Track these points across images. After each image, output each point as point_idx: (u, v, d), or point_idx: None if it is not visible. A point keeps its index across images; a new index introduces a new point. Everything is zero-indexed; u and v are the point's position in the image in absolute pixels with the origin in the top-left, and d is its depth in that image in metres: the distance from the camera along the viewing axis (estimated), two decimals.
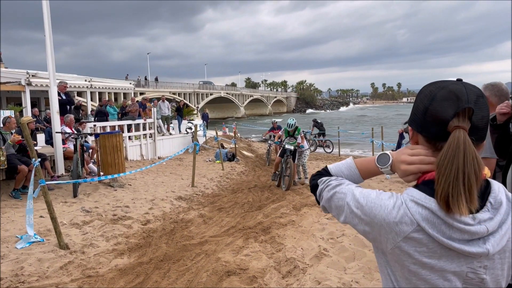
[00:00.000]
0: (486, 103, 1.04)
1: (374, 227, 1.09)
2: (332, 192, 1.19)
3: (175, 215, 7.09)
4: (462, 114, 1.01)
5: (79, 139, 8.20)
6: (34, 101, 19.22)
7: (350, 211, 1.13)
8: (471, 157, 0.97)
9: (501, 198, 1.02)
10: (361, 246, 4.97)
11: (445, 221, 0.99)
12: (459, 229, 0.98)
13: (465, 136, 0.99)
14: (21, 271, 4.24)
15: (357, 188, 1.15)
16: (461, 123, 1.00)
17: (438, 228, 0.99)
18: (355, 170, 1.21)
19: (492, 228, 0.98)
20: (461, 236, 0.98)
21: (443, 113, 1.02)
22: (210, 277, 4.25)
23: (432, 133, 1.05)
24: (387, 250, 1.08)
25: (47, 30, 8.34)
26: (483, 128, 1.04)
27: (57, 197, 7.43)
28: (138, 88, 46.07)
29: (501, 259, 1.02)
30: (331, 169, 1.26)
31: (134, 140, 15.26)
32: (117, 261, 4.75)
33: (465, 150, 0.97)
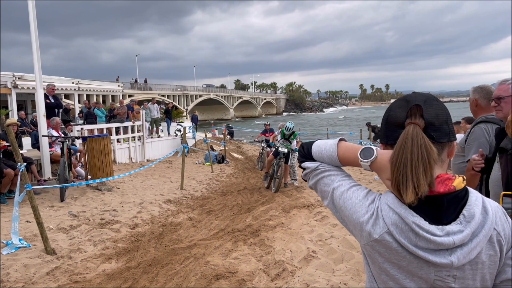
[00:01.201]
0: (440, 105, 1.10)
1: (348, 224, 1.16)
2: (319, 177, 1.23)
3: (164, 218, 7.05)
4: (413, 112, 1.07)
5: (66, 142, 8.11)
6: (21, 104, 18.97)
7: (331, 202, 1.19)
8: (418, 145, 1.02)
9: (474, 211, 1.03)
10: (349, 248, 5.00)
11: (412, 229, 1.02)
12: (425, 238, 1.01)
13: (415, 128, 1.04)
14: (6, 277, 4.18)
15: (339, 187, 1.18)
16: (413, 120, 1.06)
17: (405, 234, 1.03)
18: (336, 161, 1.21)
19: (459, 241, 1.00)
20: (427, 245, 1.01)
21: (398, 116, 1.10)
22: (199, 281, 4.24)
23: (395, 138, 1.09)
24: (361, 245, 1.14)
25: (33, 32, 8.24)
26: (441, 125, 1.08)
27: (43, 202, 7.34)
28: (127, 90, 45.78)
29: (473, 270, 1.03)
30: (314, 153, 1.25)
31: (123, 143, 15.15)
32: (105, 266, 4.70)
33: (412, 140, 1.03)
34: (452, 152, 1.13)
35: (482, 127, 3.15)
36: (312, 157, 1.27)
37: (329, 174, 1.22)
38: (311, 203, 7.79)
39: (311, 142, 1.30)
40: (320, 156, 1.24)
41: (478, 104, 3.33)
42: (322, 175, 1.23)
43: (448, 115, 1.11)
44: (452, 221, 1.03)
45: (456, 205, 1.04)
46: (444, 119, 1.09)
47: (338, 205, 1.17)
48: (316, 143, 1.28)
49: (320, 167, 1.24)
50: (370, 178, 11.66)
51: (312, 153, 1.26)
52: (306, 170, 1.27)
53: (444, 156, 1.11)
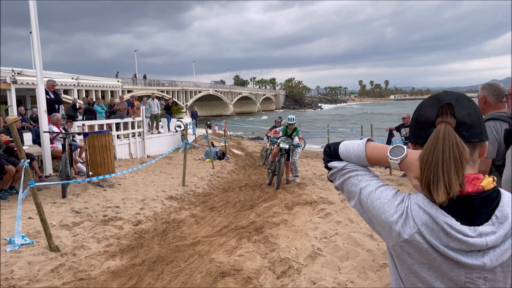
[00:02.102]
0: (472, 104, 1.08)
1: (376, 225, 1.14)
2: (346, 177, 1.22)
3: (167, 215, 7.03)
4: (444, 111, 1.06)
5: (67, 138, 8.07)
6: (20, 99, 18.88)
7: (358, 202, 1.18)
8: (450, 144, 1.01)
9: (507, 212, 1.01)
10: (354, 245, 4.99)
11: (443, 229, 1.00)
12: (457, 238, 0.99)
13: (447, 127, 1.03)
14: (11, 274, 4.15)
15: (367, 186, 1.16)
16: (444, 119, 1.05)
17: (436, 234, 1.01)
18: (364, 160, 1.20)
19: (492, 242, 0.98)
20: (459, 246, 0.99)
21: (428, 115, 1.09)
22: (205, 278, 4.22)
23: (425, 137, 1.08)
24: (389, 246, 1.12)
25: (34, 28, 8.18)
26: (473, 125, 1.06)
27: (45, 198, 7.30)
28: (126, 85, 45.66)
29: (504, 272, 1.02)
30: (341, 153, 1.24)
31: (123, 139, 15.10)
32: (109, 263, 4.68)
33: (444, 139, 1.01)
34: (484, 152, 1.11)
35: (490, 125, 3.13)
36: (338, 157, 1.25)
37: (357, 174, 1.20)
38: (313, 200, 7.77)
39: (338, 142, 1.29)
40: (347, 155, 1.23)
41: (486, 101, 3.31)
42: (349, 174, 1.21)
43: (480, 114, 1.09)
44: (484, 222, 1.01)
45: (488, 206, 1.03)
46: (476, 118, 1.07)
47: (365, 205, 1.16)
48: (344, 143, 1.27)
49: (347, 166, 1.22)
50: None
51: (339, 153, 1.25)
52: (332, 169, 1.26)
53: (476, 156, 1.09)
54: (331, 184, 9.66)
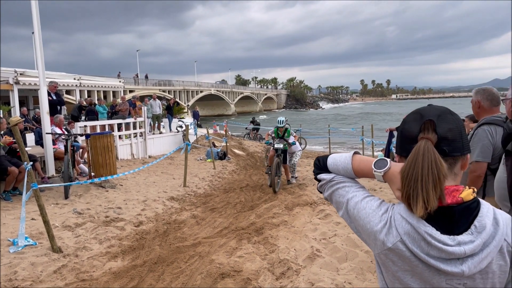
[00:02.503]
0: (454, 119, 1.13)
1: (362, 234, 1.21)
2: (334, 189, 1.28)
3: (168, 216, 7.10)
4: (426, 127, 1.11)
5: (70, 139, 8.14)
6: (22, 100, 19.01)
7: (346, 212, 1.24)
8: (428, 160, 1.06)
9: (485, 222, 1.07)
10: (353, 246, 5.04)
11: (424, 238, 1.06)
12: (436, 247, 1.05)
13: (427, 143, 1.08)
14: (14, 275, 4.22)
15: (353, 197, 1.23)
16: (426, 135, 1.10)
17: (417, 243, 1.07)
18: (351, 172, 1.26)
19: (470, 251, 1.04)
20: (438, 254, 1.05)
21: (411, 130, 1.15)
22: (205, 279, 4.28)
23: (409, 151, 1.13)
24: (375, 253, 1.18)
25: (36, 30, 8.25)
26: (455, 140, 1.11)
27: (48, 199, 7.37)
28: (128, 86, 45.75)
29: (483, 279, 1.07)
30: (329, 166, 1.31)
31: (125, 139, 15.18)
32: (111, 264, 4.75)
33: (423, 155, 1.06)
34: (465, 164, 1.16)
35: (485, 129, 3.18)
36: (327, 169, 1.32)
37: (344, 185, 1.27)
38: (314, 201, 7.82)
39: (326, 156, 1.36)
40: (335, 168, 1.30)
41: (481, 106, 3.37)
42: (337, 186, 1.28)
43: (462, 128, 1.14)
44: (464, 231, 1.07)
45: (468, 216, 1.08)
46: (458, 133, 1.12)
47: (352, 215, 1.22)
48: (332, 156, 1.34)
49: (335, 178, 1.29)
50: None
51: (328, 165, 1.32)
52: (321, 181, 1.33)
53: (457, 169, 1.14)
54: None
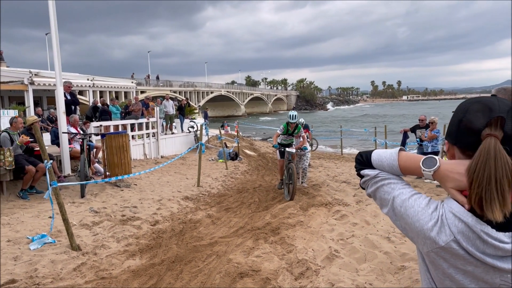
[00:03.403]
0: None
1: (410, 232, 1.16)
2: (379, 185, 1.24)
3: (183, 215, 7.11)
4: (494, 123, 1.05)
5: (85, 139, 8.21)
6: (37, 100, 19.24)
7: (392, 210, 1.20)
8: (502, 162, 1.01)
9: None
10: (371, 247, 5.00)
11: (480, 236, 1.03)
12: (493, 245, 1.02)
13: (497, 143, 1.02)
14: (35, 272, 4.26)
15: (400, 195, 1.19)
16: (493, 131, 1.04)
17: (472, 242, 1.04)
18: (397, 169, 1.22)
19: None
20: (495, 252, 1.02)
21: (475, 123, 1.08)
22: (223, 278, 4.27)
23: (466, 143, 1.10)
24: (423, 252, 1.14)
25: (53, 30, 8.33)
26: None
27: (64, 198, 7.43)
28: (140, 86, 46.07)
29: None
30: (373, 161, 1.27)
31: (137, 139, 15.28)
32: (129, 263, 4.76)
33: (495, 156, 1.01)
34: None
35: None
36: (370, 165, 1.28)
37: (389, 182, 1.23)
38: (328, 201, 7.78)
39: (370, 151, 1.32)
40: (380, 164, 1.26)
41: None
42: (382, 183, 1.24)
43: None
44: None
45: None
46: None
47: (399, 213, 1.18)
48: (376, 151, 1.30)
49: (380, 175, 1.25)
50: None
51: (372, 161, 1.28)
52: (365, 177, 1.29)
53: None
54: (345, 185, 9.59)
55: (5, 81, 15.26)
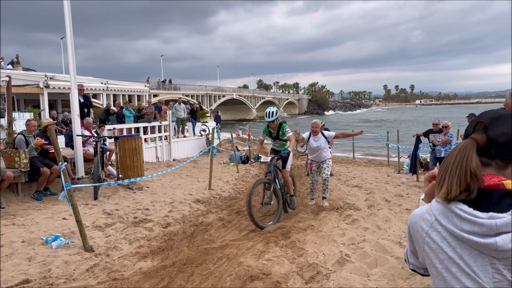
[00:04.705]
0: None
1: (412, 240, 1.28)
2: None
3: (195, 218, 7.15)
4: (477, 128, 1.21)
5: (99, 142, 8.32)
6: (51, 103, 19.52)
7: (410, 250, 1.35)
8: (461, 157, 1.15)
9: None
10: (383, 252, 4.97)
11: (457, 214, 1.12)
12: (467, 220, 1.09)
13: (468, 142, 1.18)
14: (48, 273, 4.32)
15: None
16: (474, 135, 1.19)
17: (451, 220, 1.13)
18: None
19: (502, 223, 1.05)
20: (471, 228, 1.08)
21: (467, 130, 1.26)
22: (234, 281, 4.28)
23: None
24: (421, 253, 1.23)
25: (69, 35, 8.47)
26: (506, 144, 1.14)
27: (78, 200, 7.53)
28: (153, 90, 46.48)
29: None
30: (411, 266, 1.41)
31: (150, 142, 15.41)
32: (141, 264, 4.81)
33: (458, 151, 1.17)
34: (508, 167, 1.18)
35: None
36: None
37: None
38: (340, 205, 7.75)
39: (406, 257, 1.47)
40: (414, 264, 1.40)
41: None
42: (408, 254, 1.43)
43: None
44: None
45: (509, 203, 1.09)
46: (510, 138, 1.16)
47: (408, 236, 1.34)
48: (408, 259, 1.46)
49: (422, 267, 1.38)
50: (399, 181, 11.52)
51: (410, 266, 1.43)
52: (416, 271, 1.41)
53: (508, 172, 1.16)
54: (357, 190, 9.53)
55: (21, 85, 15.54)
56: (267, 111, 6.79)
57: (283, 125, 6.88)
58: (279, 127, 6.85)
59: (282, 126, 6.85)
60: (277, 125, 6.83)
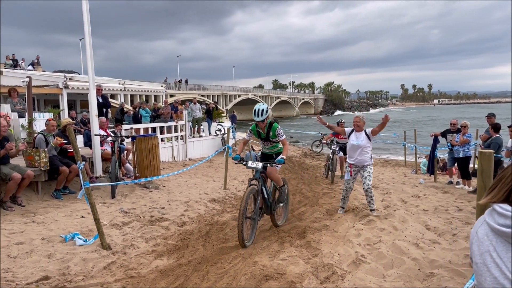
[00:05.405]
0: None
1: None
2: None
3: (210, 217, 7.19)
4: None
5: (117, 141, 8.44)
6: (70, 104, 19.87)
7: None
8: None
9: None
10: (399, 253, 4.92)
11: (497, 211, 1.25)
12: (503, 215, 1.23)
13: None
14: (67, 270, 4.41)
15: None
16: None
17: (492, 217, 1.27)
18: None
19: None
20: (504, 222, 1.21)
21: None
22: (249, 280, 4.29)
23: None
24: (471, 252, 1.35)
25: (87, 36, 8.61)
26: None
27: (96, 198, 7.65)
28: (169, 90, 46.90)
29: None
30: None
31: (166, 142, 15.56)
32: (157, 262, 4.87)
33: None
34: None
35: None
36: None
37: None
38: (356, 206, 7.70)
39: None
40: None
41: None
42: None
43: None
44: None
45: None
46: None
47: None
48: None
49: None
50: (416, 182, 11.38)
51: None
52: None
53: None
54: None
55: (41, 85, 15.86)
56: (255, 109, 5.84)
57: (274, 125, 6.00)
58: (269, 127, 5.98)
59: (273, 127, 5.97)
60: (266, 125, 5.97)
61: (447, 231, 5.95)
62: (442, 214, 7.14)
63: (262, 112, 5.77)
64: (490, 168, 3.32)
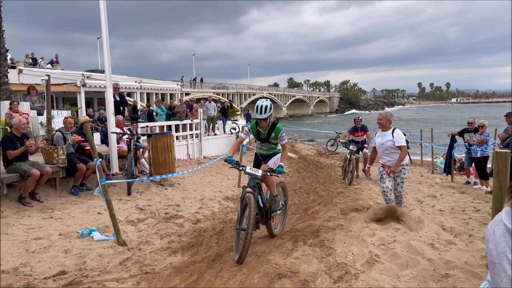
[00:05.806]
0: None
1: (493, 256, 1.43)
2: None
3: (224, 215, 7.23)
4: None
5: (133, 139, 8.54)
6: (88, 102, 20.17)
7: None
8: None
9: None
10: (414, 253, 4.87)
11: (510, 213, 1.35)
12: None
13: None
14: (84, 265, 4.49)
15: None
16: None
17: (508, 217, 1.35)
18: None
19: None
20: None
21: None
22: (262, 278, 4.31)
23: None
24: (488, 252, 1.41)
25: (105, 35, 8.73)
26: None
27: (112, 195, 7.75)
28: (184, 88, 47.23)
29: None
30: None
31: (181, 140, 15.68)
32: (172, 259, 4.92)
33: None
34: None
35: None
36: None
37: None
38: (370, 205, 7.64)
39: None
40: None
41: None
42: None
43: None
44: None
45: None
46: None
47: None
48: None
49: None
50: (432, 182, 11.24)
51: None
52: None
53: None
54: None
55: (60, 83, 16.15)
56: (258, 105, 5.16)
57: (278, 126, 5.38)
58: (271, 127, 5.35)
59: (276, 128, 5.35)
60: (269, 124, 5.33)
61: (464, 231, 5.86)
62: (459, 214, 7.05)
63: (265, 109, 5.13)
64: (506, 168, 3.25)
